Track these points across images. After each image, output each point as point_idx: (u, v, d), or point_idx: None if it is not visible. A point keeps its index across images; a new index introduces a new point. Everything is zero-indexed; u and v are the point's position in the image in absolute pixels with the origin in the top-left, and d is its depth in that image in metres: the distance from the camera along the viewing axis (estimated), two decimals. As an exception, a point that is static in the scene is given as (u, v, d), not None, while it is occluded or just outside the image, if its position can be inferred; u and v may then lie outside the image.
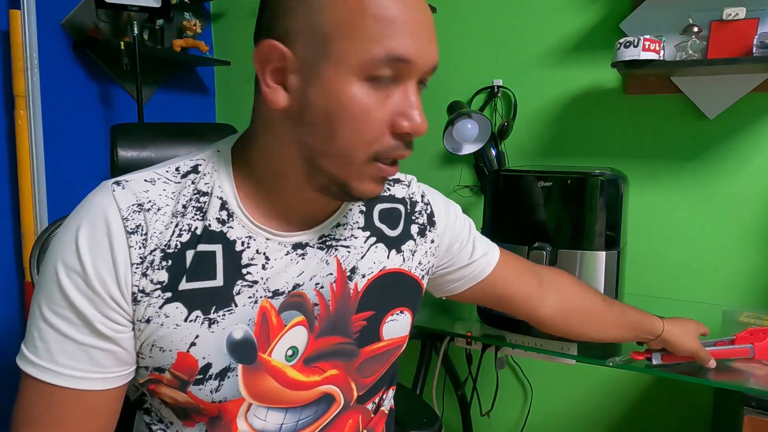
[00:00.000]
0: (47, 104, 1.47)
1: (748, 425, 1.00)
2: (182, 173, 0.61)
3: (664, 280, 1.53)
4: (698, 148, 1.47)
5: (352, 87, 0.53)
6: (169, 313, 0.56)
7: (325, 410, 0.65)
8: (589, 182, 1.10)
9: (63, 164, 1.55)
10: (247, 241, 0.59)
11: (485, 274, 0.81)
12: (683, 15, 1.35)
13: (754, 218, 1.43)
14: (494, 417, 1.77)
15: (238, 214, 0.59)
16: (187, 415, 0.61)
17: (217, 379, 0.57)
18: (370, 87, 0.53)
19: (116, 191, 0.56)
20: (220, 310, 0.57)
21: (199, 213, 0.58)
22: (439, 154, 1.77)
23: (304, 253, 0.63)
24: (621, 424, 1.64)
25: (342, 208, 0.67)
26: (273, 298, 0.60)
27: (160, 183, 0.59)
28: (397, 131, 0.55)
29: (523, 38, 1.64)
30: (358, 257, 0.66)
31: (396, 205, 0.73)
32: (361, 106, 0.53)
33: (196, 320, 0.56)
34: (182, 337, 0.56)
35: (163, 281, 0.56)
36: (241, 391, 0.58)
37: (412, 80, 0.55)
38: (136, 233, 0.55)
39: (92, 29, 1.57)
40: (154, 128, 0.97)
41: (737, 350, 1.01)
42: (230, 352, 0.57)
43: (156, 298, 0.55)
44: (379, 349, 0.68)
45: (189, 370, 0.57)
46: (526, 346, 1.20)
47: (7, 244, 1.44)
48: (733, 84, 1.39)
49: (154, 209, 0.56)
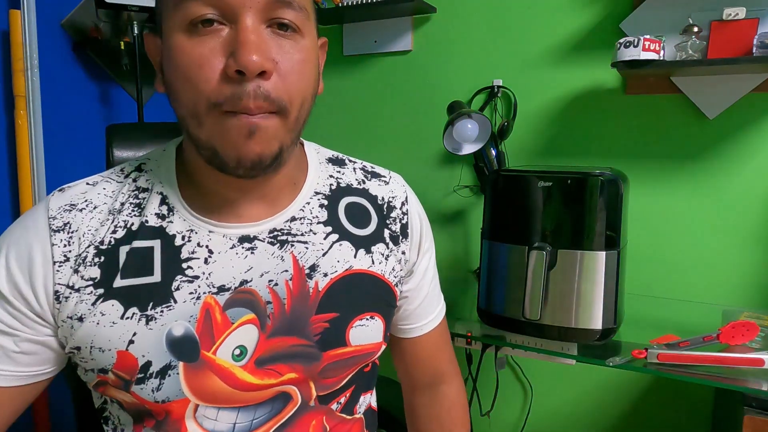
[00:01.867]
0: (47, 104, 1.47)
1: (748, 425, 1.00)
2: (126, 173, 0.62)
3: (664, 280, 1.53)
4: (698, 148, 1.47)
5: (175, 40, 0.52)
6: (104, 311, 0.55)
7: (281, 408, 0.61)
8: (589, 182, 1.10)
9: (63, 164, 1.55)
10: (188, 234, 0.59)
11: (421, 332, 0.76)
12: (683, 15, 1.36)
13: (754, 218, 1.43)
14: (494, 417, 1.77)
15: (178, 208, 0.60)
16: (140, 418, 0.59)
17: (158, 377, 0.56)
18: (191, 34, 0.51)
19: (54, 195, 0.59)
20: (158, 306, 0.56)
21: (137, 209, 0.59)
22: (439, 154, 1.77)
23: (252, 248, 0.60)
24: (621, 424, 1.64)
25: (295, 202, 0.64)
26: (218, 294, 0.58)
27: (102, 183, 0.61)
28: (228, 73, 0.50)
29: (523, 38, 1.64)
30: (319, 254, 0.63)
31: (365, 203, 0.69)
32: (186, 56, 0.51)
33: (132, 317, 0.56)
34: (120, 335, 0.55)
35: (95, 278, 0.56)
36: (184, 391, 0.56)
37: (243, 17, 0.51)
38: (62, 231, 0.56)
39: (92, 29, 1.57)
40: (150, 128, 0.96)
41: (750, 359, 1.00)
42: (170, 349, 0.56)
43: (88, 294, 0.55)
44: (345, 354, 0.63)
45: (130, 369, 0.56)
46: (526, 346, 1.20)
47: (7, 244, 1.44)
48: (733, 84, 1.38)
49: (89, 208, 0.58)
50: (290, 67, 0.53)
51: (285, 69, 0.53)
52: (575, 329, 1.12)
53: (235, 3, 0.50)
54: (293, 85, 0.54)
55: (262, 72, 0.51)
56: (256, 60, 0.50)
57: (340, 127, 1.93)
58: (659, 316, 1.40)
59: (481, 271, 1.25)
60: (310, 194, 0.66)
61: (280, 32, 0.53)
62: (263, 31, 0.52)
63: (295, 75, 0.54)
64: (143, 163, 0.63)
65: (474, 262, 1.73)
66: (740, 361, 1.00)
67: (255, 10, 0.51)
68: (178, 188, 0.61)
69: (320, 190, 0.67)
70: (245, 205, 0.61)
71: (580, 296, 1.11)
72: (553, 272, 1.12)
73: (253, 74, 0.50)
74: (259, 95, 0.51)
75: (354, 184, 0.70)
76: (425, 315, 0.77)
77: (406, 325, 0.76)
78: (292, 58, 0.54)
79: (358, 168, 0.72)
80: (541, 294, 1.12)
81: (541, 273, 1.12)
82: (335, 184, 0.69)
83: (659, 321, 1.36)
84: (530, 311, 1.14)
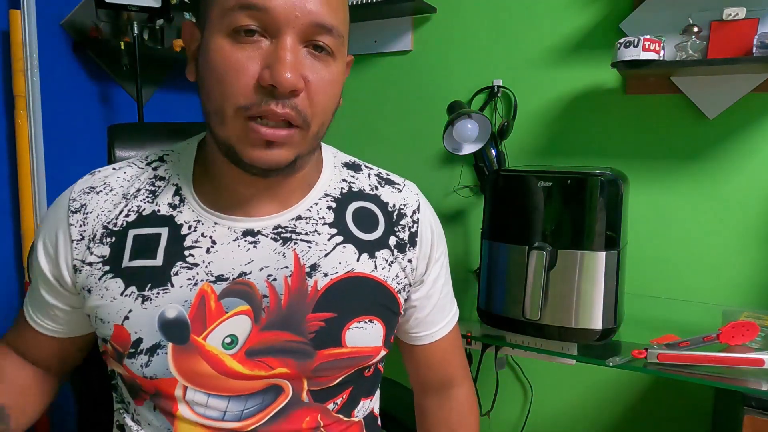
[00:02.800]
0: (47, 104, 1.47)
1: (748, 425, 1.00)
2: (148, 161, 0.67)
3: (664, 280, 1.53)
4: (698, 148, 1.47)
5: (217, 42, 0.54)
6: (109, 286, 0.60)
7: (272, 400, 0.62)
8: (589, 182, 1.10)
9: (63, 164, 1.55)
10: (195, 224, 0.62)
11: (432, 339, 0.76)
12: (683, 15, 1.36)
13: (754, 218, 1.43)
14: (494, 417, 1.77)
15: (189, 200, 0.63)
16: (135, 392, 0.63)
17: (147, 354, 0.59)
18: (233, 40, 0.54)
19: (84, 178, 0.65)
20: (155, 288, 0.60)
21: (151, 196, 0.64)
22: (439, 154, 1.77)
23: (255, 242, 0.62)
24: (621, 424, 1.64)
25: (303, 201, 0.65)
26: (215, 283, 0.60)
27: (125, 167, 0.66)
28: (261, 83, 0.53)
29: (523, 38, 1.64)
30: (321, 254, 0.64)
31: (374, 209, 0.69)
32: (223, 59, 0.54)
33: (130, 295, 0.60)
34: (117, 310, 0.60)
35: (104, 255, 0.61)
36: (171, 370, 0.59)
37: (285, 35, 0.53)
38: (79, 212, 0.62)
39: (92, 29, 1.57)
40: (152, 128, 0.97)
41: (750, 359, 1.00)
42: (161, 330, 0.59)
43: (97, 270, 0.61)
44: (339, 354, 0.63)
45: (123, 342, 0.60)
46: (526, 346, 1.20)
47: (7, 244, 1.44)
48: (733, 84, 1.39)
49: (105, 190, 0.64)
50: (319, 87, 0.56)
51: (314, 88, 0.56)
52: (575, 329, 1.12)
53: (280, 21, 0.53)
54: (319, 104, 0.57)
55: (294, 90, 0.53)
56: (290, 78, 0.52)
57: (339, 127, 1.93)
58: (659, 316, 1.40)
59: (481, 271, 1.26)
60: (319, 195, 0.67)
61: (315, 53, 0.56)
62: (300, 50, 0.55)
63: (321, 95, 0.57)
64: (167, 153, 0.68)
65: (474, 262, 1.73)
66: (740, 361, 1.00)
67: (297, 31, 0.54)
68: (193, 181, 0.65)
69: (330, 193, 0.68)
70: (256, 203, 0.63)
71: (580, 296, 1.11)
72: (553, 272, 1.12)
73: (286, 91, 0.53)
74: (287, 105, 0.54)
75: (366, 189, 0.71)
76: (436, 323, 0.76)
77: (417, 333, 0.76)
78: (323, 78, 0.56)
79: (373, 174, 0.73)
80: (541, 294, 1.12)
81: (541, 273, 1.12)
82: (347, 188, 0.70)
83: (659, 321, 1.37)
84: (530, 311, 1.14)
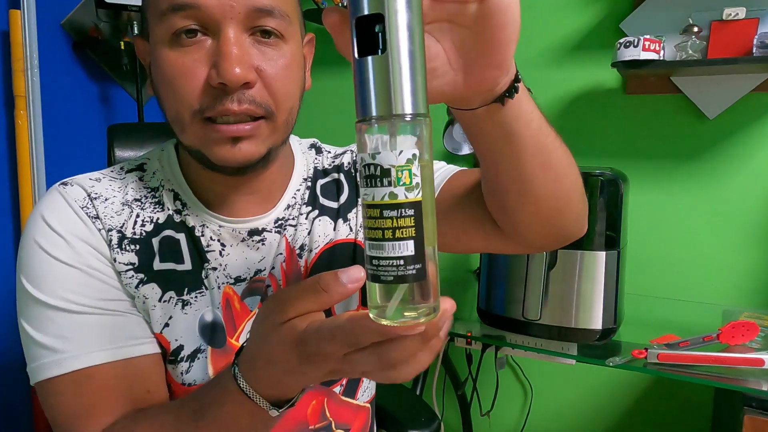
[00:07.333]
0: (47, 104, 1.47)
1: (748, 425, 1.00)
2: (126, 170, 0.64)
3: (664, 280, 1.53)
4: (698, 148, 1.47)
5: (162, 51, 0.53)
6: (146, 294, 0.58)
7: None
8: (589, 182, 1.10)
9: (63, 164, 1.54)
10: (201, 229, 0.62)
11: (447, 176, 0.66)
12: (683, 15, 1.35)
13: (754, 218, 1.43)
14: (494, 417, 1.77)
15: (190, 204, 0.62)
16: (172, 394, 0.63)
17: (188, 361, 0.59)
18: (177, 45, 0.52)
19: (66, 189, 0.59)
20: (192, 292, 0.59)
21: (158, 206, 0.61)
22: (439, 154, 1.77)
23: (262, 239, 0.63)
24: (621, 424, 1.64)
25: (288, 190, 0.66)
26: (235, 285, 0.61)
27: (105, 180, 0.62)
28: (211, 84, 0.52)
29: (523, 38, 1.62)
30: (305, 233, 0.65)
31: (337, 176, 0.70)
32: (171, 67, 0.53)
33: (170, 300, 0.58)
34: (158, 317, 0.58)
35: (133, 263, 0.58)
36: (210, 375, 0.59)
37: (225, 28, 0.51)
38: (98, 219, 0.58)
39: (92, 29, 1.57)
40: (151, 128, 0.97)
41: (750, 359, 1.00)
42: (201, 334, 0.59)
43: (129, 278, 0.58)
44: None
45: (164, 350, 0.59)
46: (526, 346, 1.20)
47: (7, 244, 1.44)
48: (733, 84, 1.38)
49: (101, 199, 0.59)
50: (275, 74, 0.54)
51: (269, 76, 0.54)
52: (575, 329, 1.12)
53: (216, 15, 0.51)
54: (279, 91, 0.55)
55: (246, 83, 0.52)
56: (238, 72, 0.50)
57: (339, 127, 1.92)
58: (659, 316, 1.40)
59: (481, 271, 1.26)
60: (299, 181, 0.68)
61: (263, 39, 0.54)
62: (245, 40, 0.53)
63: (279, 81, 0.55)
64: (144, 162, 0.65)
65: (474, 262, 1.73)
66: (740, 361, 1.00)
67: (236, 21, 0.51)
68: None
69: (305, 176, 0.69)
70: (239, 200, 0.63)
71: (580, 296, 1.11)
72: (553, 272, 1.12)
73: (236, 86, 0.51)
74: (243, 100, 0.52)
75: (327, 165, 0.72)
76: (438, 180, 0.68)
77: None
78: (276, 64, 0.54)
79: (330, 154, 0.74)
80: (541, 294, 1.12)
81: (541, 273, 1.12)
82: (314, 168, 0.71)
83: (659, 321, 1.37)
84: (530, 311, 1.14)
